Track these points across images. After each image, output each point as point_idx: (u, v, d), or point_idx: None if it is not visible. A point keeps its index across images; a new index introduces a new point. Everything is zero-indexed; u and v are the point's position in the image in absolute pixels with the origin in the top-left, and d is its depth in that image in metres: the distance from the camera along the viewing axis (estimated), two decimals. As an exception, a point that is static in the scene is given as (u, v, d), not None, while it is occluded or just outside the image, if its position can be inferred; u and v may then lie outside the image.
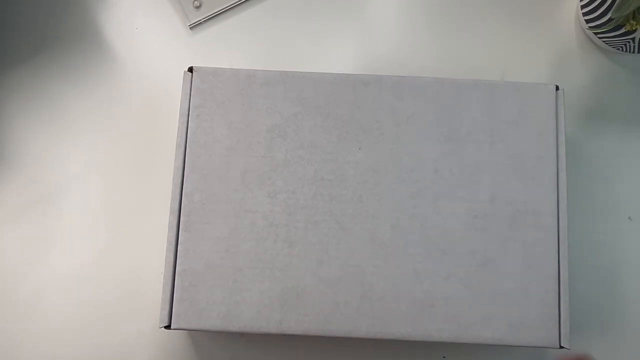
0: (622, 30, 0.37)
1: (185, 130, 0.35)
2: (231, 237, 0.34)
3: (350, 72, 0.40)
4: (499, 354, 0.37)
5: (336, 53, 0.43)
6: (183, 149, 0.35)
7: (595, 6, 0.38)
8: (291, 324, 0.33)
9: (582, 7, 0.41)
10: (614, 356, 0.32)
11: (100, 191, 0.40)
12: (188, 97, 0.35)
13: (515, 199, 0.34)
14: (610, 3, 0.37)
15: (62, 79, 0.42)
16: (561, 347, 0.32)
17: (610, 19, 0.37)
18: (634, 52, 0.40)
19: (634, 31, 0.37)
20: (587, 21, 0.40)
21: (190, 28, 0.43)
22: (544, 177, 0.34)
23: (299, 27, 0.43)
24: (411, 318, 0.33)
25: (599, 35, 0.40)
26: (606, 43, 0.41)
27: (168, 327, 0.33)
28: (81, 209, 0.40)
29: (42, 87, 0.42)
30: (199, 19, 0.43)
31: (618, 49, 0.41)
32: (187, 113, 0.35)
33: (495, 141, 0.35)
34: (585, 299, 0.38)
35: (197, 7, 0.43)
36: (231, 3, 0.43)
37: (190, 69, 0.36)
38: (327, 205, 0.34)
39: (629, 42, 0.39)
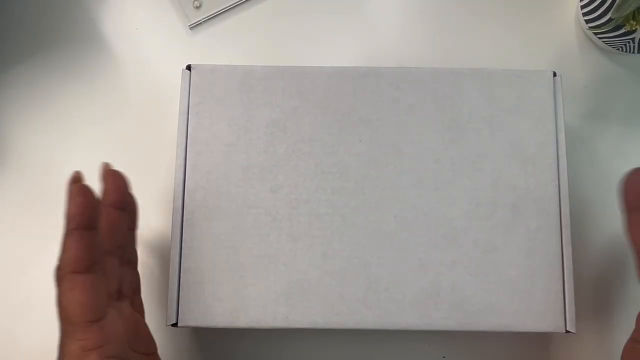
0: (622, 30, 0.37)
1: (185, 128, 0.35)
2: (235, 233, 0.34)
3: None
4: (499, 355, 0.37)
5: (337, 54, 0.42)
6: (184, 147, 0.35)
7: (595, 6, 0.38)
8: (298, 318, 0.33)
9: (582, 7, 0.40)
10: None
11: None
12: (187, 94, 0.35)
13: (516, 186, 0.34)
14: (610, 3, 0.37)
15: (61, 79, 0.42)
16: (567, 331, 0.32)
17: (610, 19, 0.37)
18: (634, 52, 0.40)
19: (634, 31, 0.37)
20: (587, 21, 0.40)
21: (190, 28, 0.43)
22: (544, 163, 0.34)
23: (300, 27, 0.43)
24: (417, 308, 0.33)
25: (599, 35, 0.40)
26: (606, 43, 0.40)
27: (175, 324, 0.33)
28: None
29: (41, 87, 0.42)
30: (199, 19, 0.43)
31: (618, 49, 0.41)
32: (186, 111, 0.35)
33: (495, 128, 0.35)
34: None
35: (197, 7, 0.43)
36: (231, 3, 0.43)
37: (189, 67, 0.36)
38: (329, 198, 0.34)
39: (629, 42, 0.39)
